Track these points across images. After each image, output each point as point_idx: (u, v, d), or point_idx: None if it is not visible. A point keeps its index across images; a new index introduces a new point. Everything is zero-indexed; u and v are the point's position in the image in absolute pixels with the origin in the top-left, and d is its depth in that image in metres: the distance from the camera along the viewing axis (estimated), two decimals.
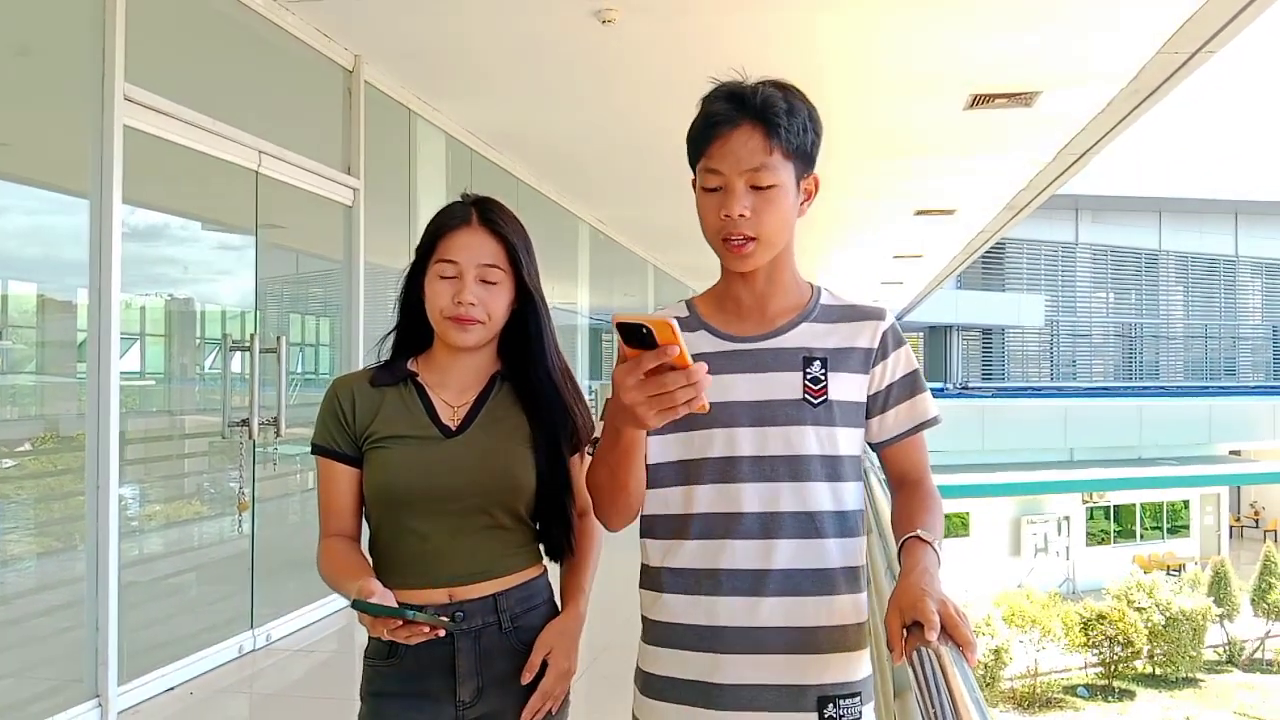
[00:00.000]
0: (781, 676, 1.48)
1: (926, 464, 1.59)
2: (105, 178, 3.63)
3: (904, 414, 1.57)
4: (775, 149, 1.48)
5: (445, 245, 1.66)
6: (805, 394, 1.52)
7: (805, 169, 1.54)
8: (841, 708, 1.48)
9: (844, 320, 1.57)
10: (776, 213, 1.50)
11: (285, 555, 4.91)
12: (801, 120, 1.51)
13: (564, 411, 1.73)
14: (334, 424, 1.70)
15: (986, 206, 10.11)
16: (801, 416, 1.51)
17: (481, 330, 1.66)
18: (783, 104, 1.49)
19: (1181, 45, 5.16)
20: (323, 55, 5.18)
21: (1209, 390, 32.07)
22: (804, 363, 1.53)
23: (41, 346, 3.96)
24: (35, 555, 3.76)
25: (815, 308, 1.58)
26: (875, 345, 1.56)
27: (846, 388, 1.54)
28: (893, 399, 1.56)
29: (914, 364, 1.59)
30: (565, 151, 7.74)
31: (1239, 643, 20.66)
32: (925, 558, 1.38)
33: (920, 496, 1.54)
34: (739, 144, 1.48)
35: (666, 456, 1.56)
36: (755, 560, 1.49)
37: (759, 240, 1.50)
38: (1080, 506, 26.00)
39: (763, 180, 1.48)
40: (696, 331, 1.58)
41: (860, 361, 1.55)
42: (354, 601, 1.44)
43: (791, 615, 1.49)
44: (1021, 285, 32.51)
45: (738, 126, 1.48)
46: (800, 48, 5.27)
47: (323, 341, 6.12)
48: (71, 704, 3.51)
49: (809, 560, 1.50)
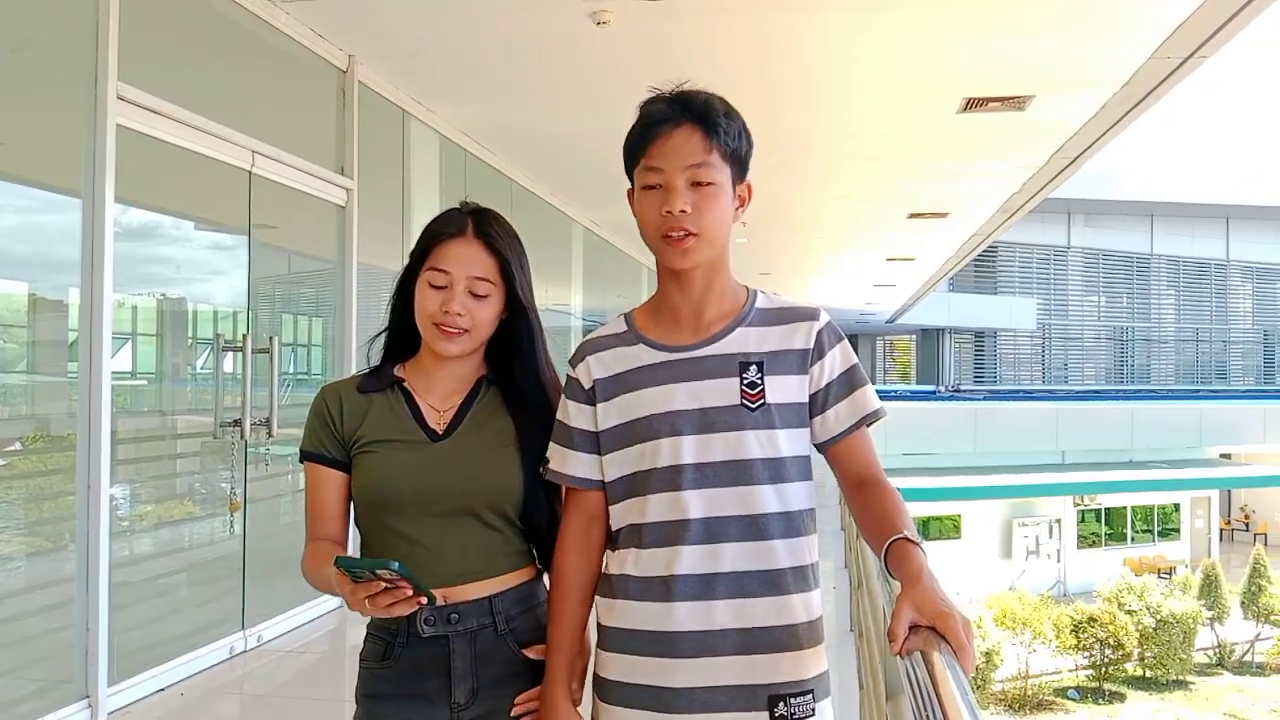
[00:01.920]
0: (733, 677, 1.51)
1: (878, 459, 1.60)
2: (98, 176, 3.62)
3: (845, 410, 1.58)
4: (715, 149, 1.54)
5: (438, 254, 1.67)
6: (743, 399, 1.54)
7: (740, 174, 1.60)
8: (792, 705, 1.51)
9: (779, 322, 1.59)
10: (715, 210, 1.55)
11: (277, 556, 4.90)
12: (738, 126, 1.58)
13: (552, 418, 1.72)
14: (322, 430, 1.72)
15: (979, 210, 10.14)
16: (741, 421, 1.54)
17: (466, 340, 1.68)
18: (721, 107, 1.57)
19: (1174, 50, 5.18)
20: (316, 55, 5.17)
21: (1200, 394, 32.15)
22: (740, 368, 1.56)
23: (33, 345, 3.95)
24: (26, 555, 3.75)
25: (750, 312, 1.61)
26: (811, 345, 1.57)
27: (785, 390, 1.56)
28: (833, 396, 1.57)
29: (851, 359, 1.60)
30: (559, 153, 7.75)
31: (1229, 645, 20.72)
32: (925, 561, 1.38)
33: (888, 495, 1.54)
34: (680, 142, 1.54)
35: (620, 471, 1.60)
36: (703, 565, 1.52)
37: (700, 236, 1.54)
38: (1071, 509, 26.05)
39: (703, 177, 1.54)
40: (635, 345, 1.62)
41: (797, 363, 1.57)
42: (338, 559, 1.41)
43: (742, 617, 1.51)
44: (1014, 288, 32.61)
45: (679, 125, 1.56)
46: (794, 50, 5.28)
47: (315, 342, 6.11)
48: (61, 704, 3.50)
49: (756, 562, 1.52)
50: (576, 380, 1.66)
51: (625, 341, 1.64)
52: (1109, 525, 26.84)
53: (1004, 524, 24.96)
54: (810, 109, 6.31)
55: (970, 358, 33.69)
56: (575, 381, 1.66)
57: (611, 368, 1.63)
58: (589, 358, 1.65)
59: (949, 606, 1.26)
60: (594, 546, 1.65)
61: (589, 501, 1.65)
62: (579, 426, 1.64)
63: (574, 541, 1.65)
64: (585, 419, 1.64)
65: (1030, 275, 32.82)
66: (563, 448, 1.66)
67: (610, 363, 1.63)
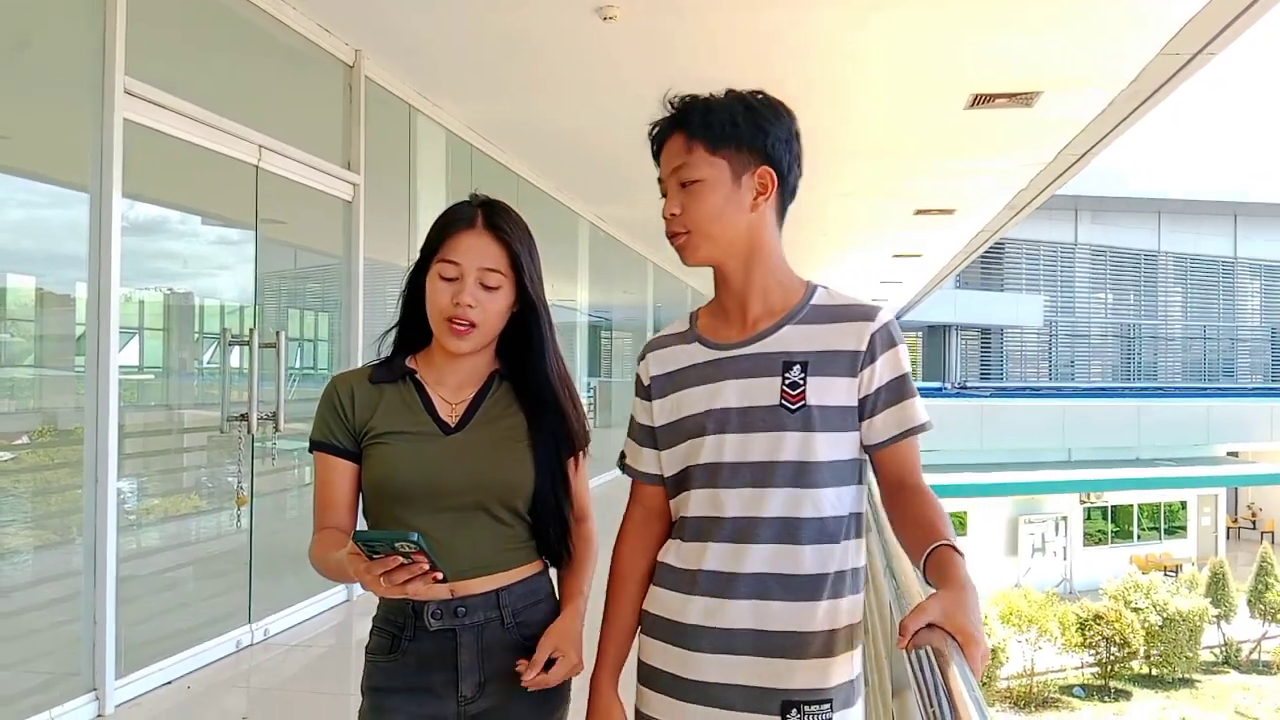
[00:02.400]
0: (747, 678, 1.51)
1: (919, 468, 1.57)
2: (105, 171, 3.63)
3: (890, 419, 1.54)
4: (695, 146, 1.56)
5: (449, 246, 1.67)
6: (783, 399, 1.52)
7: (748, 164, 1.57)
8: (806, 713, 1.49)
9: (832, 321, 1.56)
10: (701, 206, 1.56)
11: (283, 550, 4.91)
12: (726, 115, 1.56)
13: (562, 416, 1.74)
14: (333, 419, 1.71)
15: (986, 206, 10.11)
16: (780, 422, 1.52)
17: (477, 335, 1.67)
18: (701, 104, 1.58)
19: (1183, 47, 5.16)
20: (323, 50, 5.17)
21: (1207, 391, 32.08)
22: (783, 367, 1.54)
23: (40, 340, 3.96)
24: (33, 548, 3.76)
25: (803, 309, 1.58)
26: (863, 348, 1.53)
27: (830, 392, 1.52)
28: (880, 404, 1.54)
29: (902, 368, 1.55)
30: (566, 148, 7.74)
31: (1236, 644, 20.68)
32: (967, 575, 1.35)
33: (929, 502, 1.51)
34: (668, 150, 1.61)
35: (673, 467, 1.63)
36: (728, 563, 1.53)
37: (691, 233, 1.57)
38: (1078, 507, 26.03)
39: (685, 176, 1.57)
40: (691, 344, 1.64)
41: (846, 365, 1.53)
42: (356, 533, 1.41)
43: (761, 619, 1.51)
44: (1020, 285, 32.53)
45: (669, 135, 1.61)
46: (800, 46, 5.27)
47: (322, 337, 6.12)
48: (68, 697, 3.51)
49: (781, 566, 1.51)
50: (638, 377, 1.71)
51: (684, 340, 1.66)
52: (1115, 523, 26.81)
53: (1010, 521, 24.94)
54: (815, 105, 6.30)
55: (977, 355, 33.62)
56: (638, 378, 1.71)
57: (667, 365, 1.66)
58: (649, 355, 1.70)
59: (977, 631, 1.24)
60: (652, 540, 1.68)
61: (648, 495, 1.70)
62: (641, 422, 1.69)
63: (632, 533, 1.70)
64: (645, 414, 1.68)
65: (1037, 272, 32.74)
66: (631, 441, 1.72)
67: (667, 360, 1.66)
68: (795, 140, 1.61)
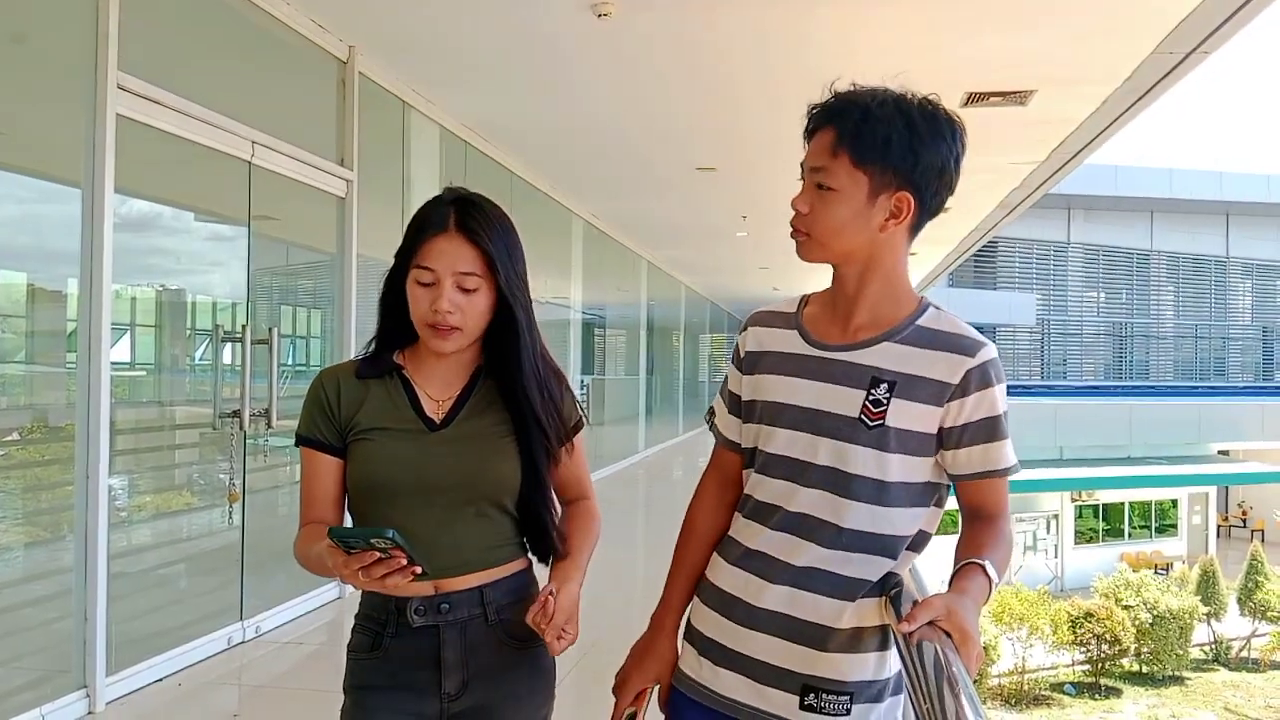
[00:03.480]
0: (774, 657, 1.55)
1: (1003, 504, 1.55)
2: (97, 167, 3.61)
3: (976, 458, 1.52)
4: (842, 153, 1.51)
5: (423, 252, 1.63)
6: (863, 414, 1.52)
7: (888, 185, 1.51)
8: (824, 700, 1.52)
9: (931, 347, 1.53)
10: (829, 215, 1.53)
11: (275, 547, 4.89)
12: (881, 132, 1.49)
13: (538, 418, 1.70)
14: (319, 415, 1.70)
15: (980, 204, 10.12)
16: (855, 435, 1.52)
17: (460, 337, 1.65)
18: (859, 111, 1.52)
19: (1176, 45, 5.17)
20: (317, 46, 5.16)
21: (1198, 390, 32.19)
22: (871, 382, 1.53)
23: (32, 336, 3.95)
24: (23, 545, 3.75)
25: (907, 328, 1.55)
26: (955, 382, 1.50)
27: (912, 416, 1.51)
28: (966, 439, 1.51)
29: (997, 409, 1.51)
30: (560, 145, 7.73)
31: (1226, 641, 20.76)
32: (980, 587, 1.39)
33: (990, 530, 1.51)
34: (816, 143, 1.56)
35: (749, 442, 1.66)
36: (782, 552, 1.56)
37: (810, 237, 1.56)
38: (1069, 505, 26.11)
39: (822, 179, 1.53)
40: (792, 330, 1.64)
41: (933, 393, 1.51)
42: (331, 530, 1.40)
43: (795, 606, 1.54)
44: (1013, 284, 32.58)
45: (820, 128, 1.56)
46: (795, 44, 5.26)
47: (314, 333, 6.11)
48: (59, 694, 3.50)
49: (828, 565, 1.53)
50: (738, 345, 1.73)
51: (787, 323, 1.66)
52: (1106, 521, 26.90)
53: None
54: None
55: None
56: (737, 346, 1.74)
57: (765, 344, 1.67)
58: (751, 329, 1.71)
59: (972, 628, 1.28)
60: (726, 505, 1.71)
61: (728, 462, 1.73)
62: (732, 389, 1.72)
63: (708, 495, 1.74)
64: (737, 384, 1.71)
65: (1030, 271, 32.79)
66: (720, 403, 1.76)
67: (765, 339, 1.67)
68: (952, 165, 1.55)
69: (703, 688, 1.62)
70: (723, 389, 1.77)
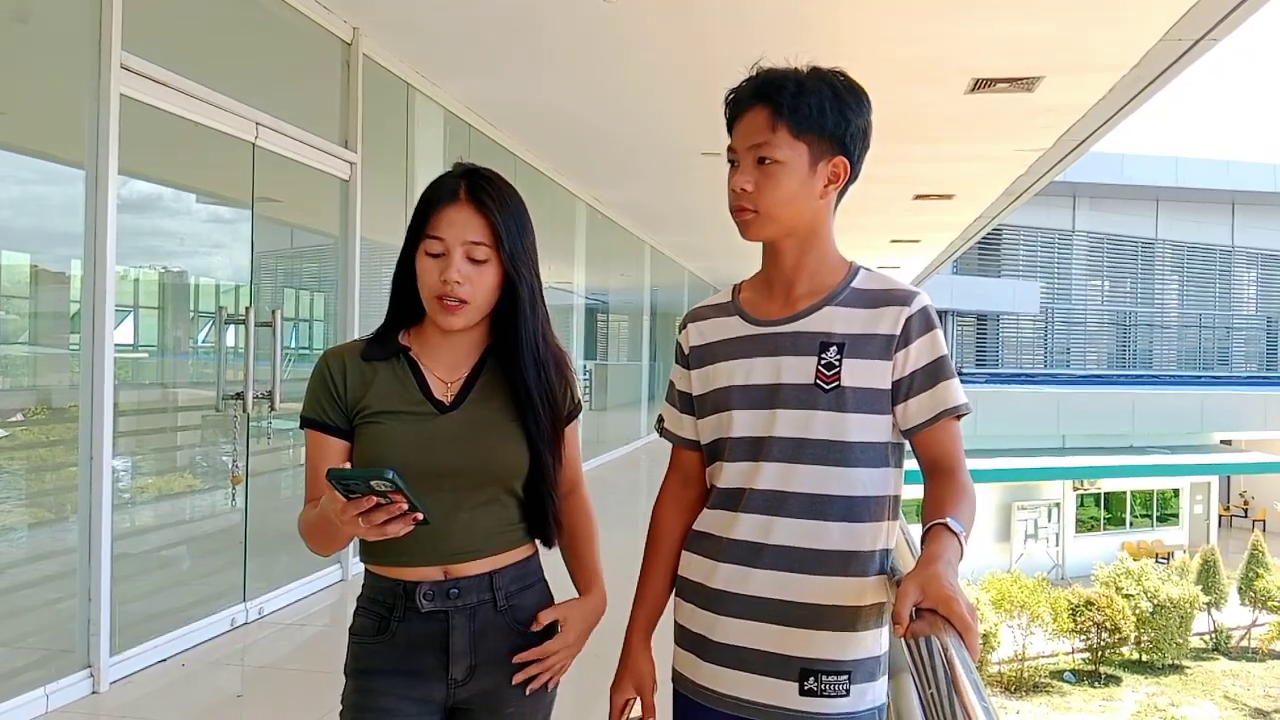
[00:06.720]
0: (769, 644, 1.55)
1: (958, 453, 1.56)
2: (101, 148, 3.60)
3: (925, 402, 1.55)
4: (781, 126, 1.54)
5: (433, 222, 1.61)
6: (817, 379, 1.55)
7: (825, 152, 1.57)
8: (824, 682, 1.53)
9: (870, 305, 1.57)
10: (775, 188, 1.56)
11: (278, 529, 4.91)
12: (816, 101, 1.55)
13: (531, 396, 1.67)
14: (325, 396, 1.66)
15: (985, 192, 10.09)
16: (813, 401, 1.55)
17: (469, 311, 1.62)
18: (792, 84, 1.56)
19: (1185, 33, 5.14)
20: (321, 27, 5.13)
21: (1202, 380, 32.16)
22: (820, 347, 1.56)
23: (35, 317, 3.94)
24: (28, 526, 3.76)
25: (844, 290, 1.60)
26: (898, 331, 1.55)
27: (864, 374, 1.54)
28: (915, 387, 1.55)
29: (939, 350, 1.56)
30: (564, 130, 7.71)
31: (1226, 630, 20.81)
32: (949, 548, 1.37)
33: (952, 484, 1.51)
34: (747, 122, 1.58)
35: (707, 436, 1.67)
36: (755, 534, 1.57)
37: (759, 213, 1.58)
38: (1071, 493, 26.12)
39: (765, 153, 1.55)
40: (731, 316, 1.68)
41: (880, 348, 1.55)
42: (330, 470, 1.35)
43: (783, 589, 1.55)
44: (1017, 272, 32.52)
45: (750, 106, 1.57)
46: (801, 29, 5.23)
47: (318, 316, 6.11)
48: (63, 674, 3.52)
49: (807, 540, 1.54)
50: (679, 345, 1.76)
51: (725, 312, 1.69)
52: (1108, 510, 26.92)
53: (1003, 507, 25.03)
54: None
55: (973, 341, 33.61)
56: (678, 346, 1.76)
57: (707, 336, 1.70)
58: (690, 325, 1.74)
59: (954, 590, 1.26)
60: (688, 505, 1.73)
61: (686, 461, 1.75)
62: (680, 389, 1.75)
63: (669, 498, 1.76)
64: (684, 382, 1.73)
65: (1034, 259, 32.71)
66: (670, 407, 1.78)
67: (707, 331, 1.70)
68: (870, 129, 1.63)
69: (704, 689, 1.62)
70: (669, 394, 1.78)
